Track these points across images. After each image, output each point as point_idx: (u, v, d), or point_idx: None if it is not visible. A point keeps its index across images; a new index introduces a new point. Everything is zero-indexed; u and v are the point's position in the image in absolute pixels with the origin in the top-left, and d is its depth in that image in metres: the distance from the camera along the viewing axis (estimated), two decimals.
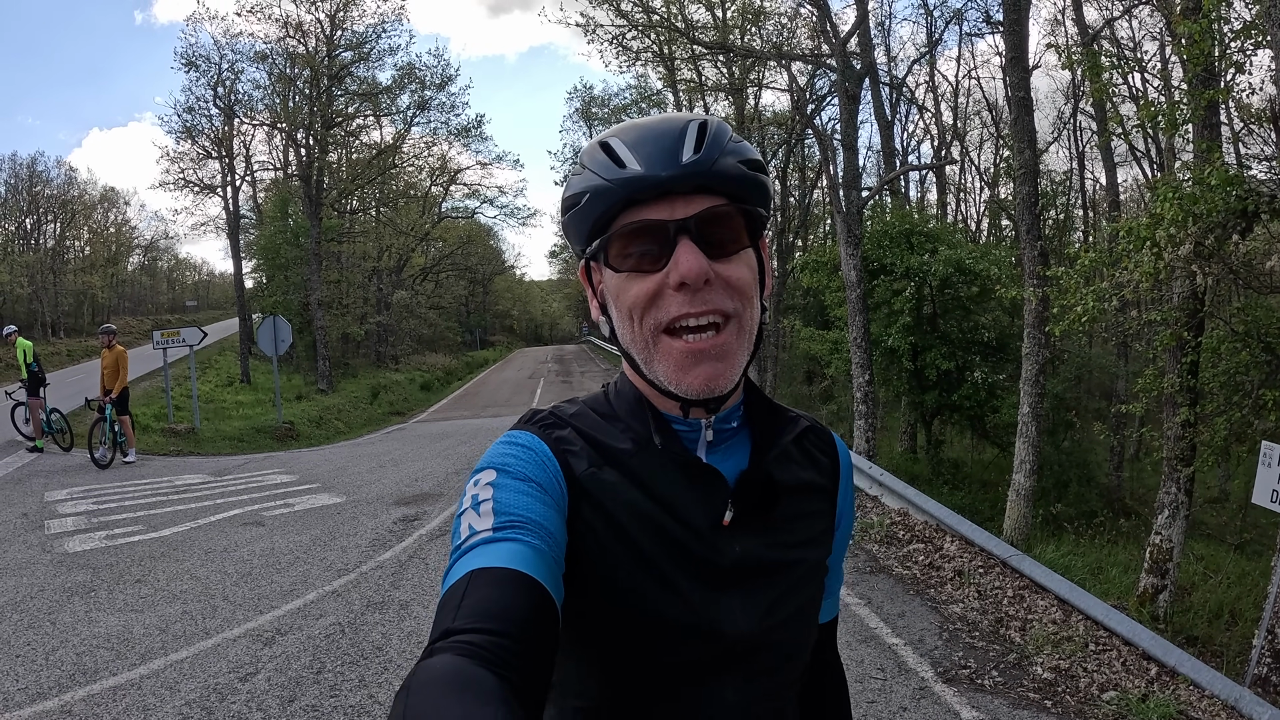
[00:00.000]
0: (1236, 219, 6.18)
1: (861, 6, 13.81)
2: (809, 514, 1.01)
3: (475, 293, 62.51)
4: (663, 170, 0.85)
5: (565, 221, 0.95)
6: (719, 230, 0.88)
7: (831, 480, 1.06)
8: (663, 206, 0.87)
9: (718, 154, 0.87)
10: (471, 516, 0.82)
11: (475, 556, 0.77)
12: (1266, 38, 6.41)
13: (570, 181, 0.93)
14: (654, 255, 0.87)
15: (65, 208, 48.30)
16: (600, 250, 0.91)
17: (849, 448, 1.14)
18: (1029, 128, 10.19)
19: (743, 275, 0.89)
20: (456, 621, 0.69)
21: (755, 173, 0.91)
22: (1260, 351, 7.77)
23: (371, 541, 7.51)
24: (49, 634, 5.16)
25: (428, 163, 38.35)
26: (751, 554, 0.94)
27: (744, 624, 0.93)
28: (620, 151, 0.88)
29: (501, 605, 0.71)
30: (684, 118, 0.90)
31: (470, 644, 0.67)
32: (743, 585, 0.93)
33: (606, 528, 0.90)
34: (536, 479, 0.88)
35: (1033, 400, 9.77)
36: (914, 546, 7.39)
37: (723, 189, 0.88)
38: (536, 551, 0.78)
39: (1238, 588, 9.10)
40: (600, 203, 0.88)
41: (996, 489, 14.49)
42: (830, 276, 16.64)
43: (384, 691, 4.33)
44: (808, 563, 1.00)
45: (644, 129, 0.90)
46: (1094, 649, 5.10)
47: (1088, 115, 23.49)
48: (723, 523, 0.93)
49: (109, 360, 11.63)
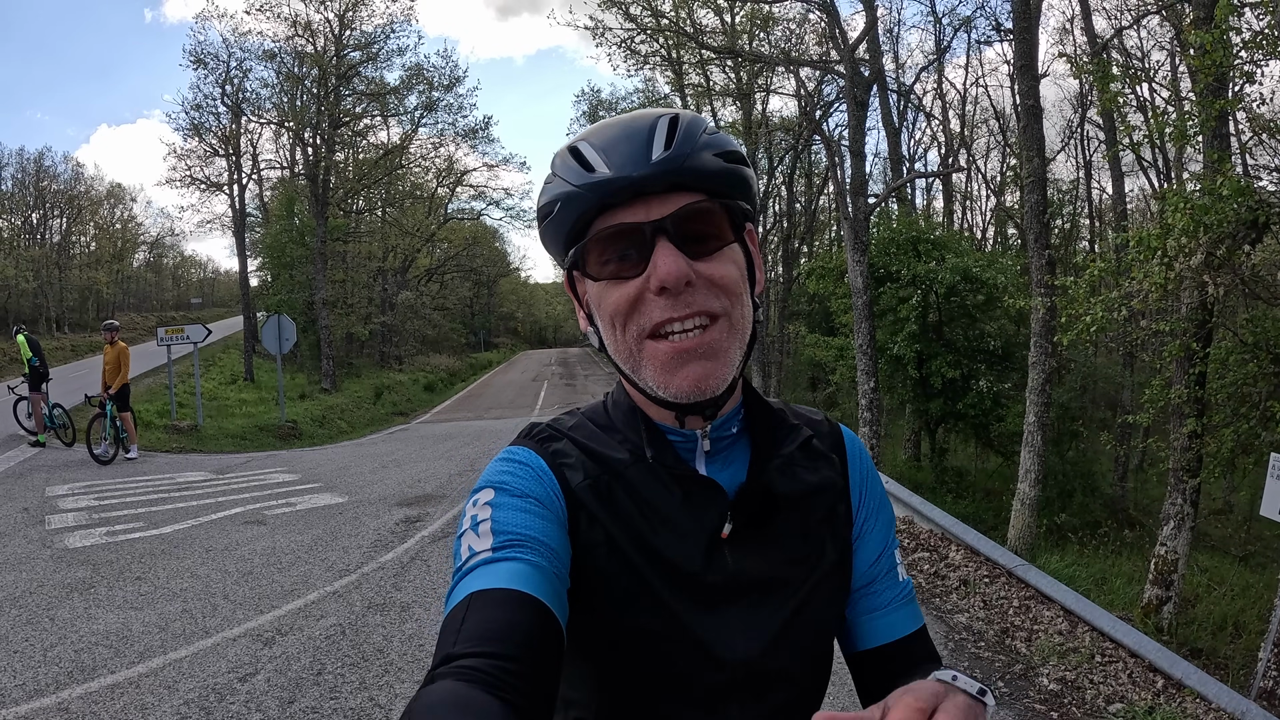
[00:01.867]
0: (1247, 229, 6.15)
1: (870, 13, 13.80)
2: (818, 519, 0.97)
3: (480, 294, 62.59)
4: (633, 170, 0.83)
5: (541, 232, 0.92)
6: (699, 228, 0.85)
7: (842, 474, 1.01)
8: (637, 208, 0.84)
9: (690, 148, 0.84)
10: (471, 538, 0.81)
11: (475, 578, 0.76)
12: (1278, 48, 6.38)
13: (542, 190, 0.91)
14: (632, 260, 0.85)
15: (72, 203, 48.50)
16: (578, 259, 0.88)
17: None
18: (1037, 136, 10.16)
19: (728, 273, 0.85)
20: (457, 646, 0.68)
21: (733, 164, 0.88)
22: (1269, 363, 7.72)
23: (373, 542, 7.49)
24: (48, 630, 5.14)
25: (434, 164, 38.40)
26: (752, 569, 0.90)
27: (743, 643, 0.89)
28: (589, 155, 0.85)
29: (503, 626, 0.70)
30: (654, 113, 0.87)
31: (471, 668, 0.66)
32: (741, 602, 0.90)
33: (601, 541, 0.88)
34: (535, 495, 0.86)
35: (1038, 409, 9.73)
36: (919, 555, 7.36)
37: (699, 185, 0.85)
38: (537, 569, 0.77)
39: (1242, 600, 9.05)
40: (572, 210, 0.86)
41: (1001, 498, 14.43)
42: (836, 283, 16.63)
43: (385, 694, 4.30)
44: (818, 575, 0.95)
45: (612, 129, 0.87)
46: (1100, 660, 5.06)
47: (1095, 124, 23.45)
48: (721, 535, 0.90)
49: (111, 356, 11.67)
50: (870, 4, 13.79)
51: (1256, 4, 7.03)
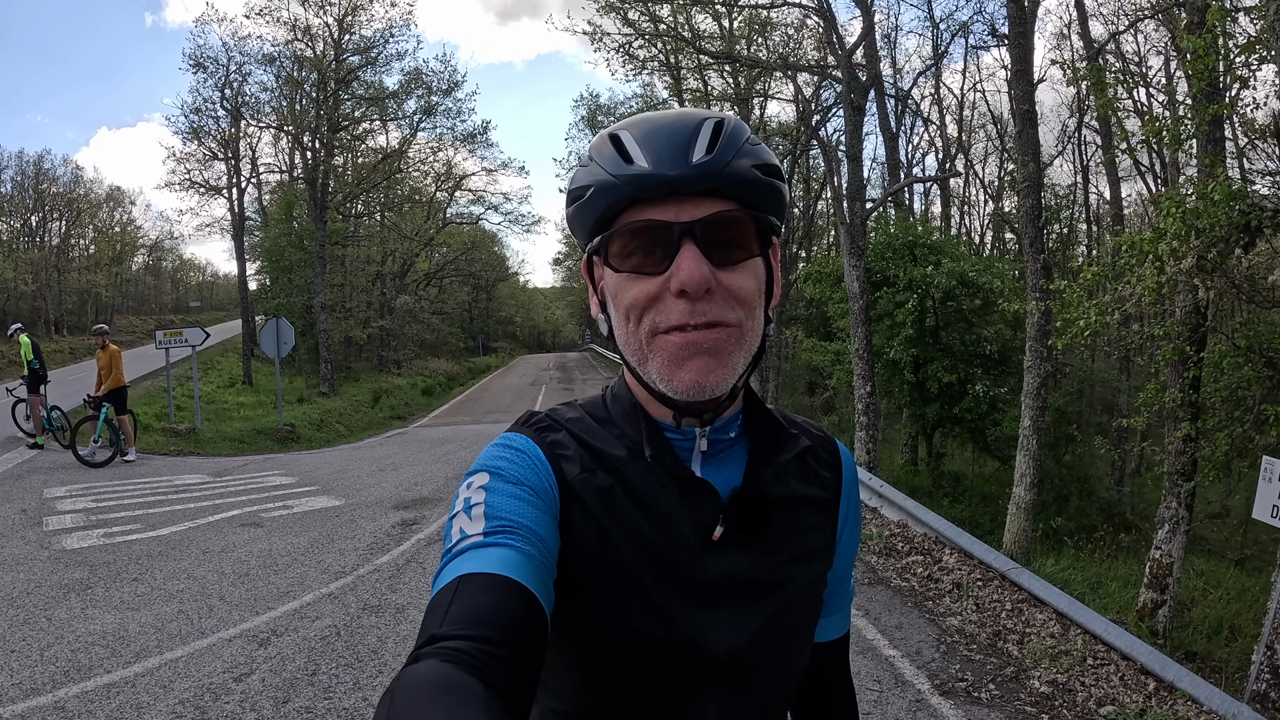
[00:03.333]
0: (1239, 233, 6.17)
1: (868, 18, 13.84)
2: (806, 529, 0.98)
3: (479, 299, 62.61)
4: (671, 169, 0.82)
5: (570, 214, 0.91)
6: (727, 236, 0.85)
7: (834, 493, 1.03)
8: (669, 207, 0.83)
9: (731, 155, 0.83)
10: (463, 520, 0.81)
11: (464, 561, 0.76)
12: (1271, 52, 6.41)
13: (576, 174, 0.90)
14: (656, 257, 0.84)
15: (71, 206, 48.42)
16: (602, 247, 0.88)
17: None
18: (1034, 141, 10.19)
19: (747, 285, 0.86)
20: (443, 627, 0.69)
21: (770, 178, 0.87)
22: (1262, 366, 7.75)
23: (369, 545, 7.50)
24: (44, 630, 5.16)
25: (433, 168, 38.43)
26: (741, 571, 0.92)
27: (730, 642, 0.91)
28: (629, 146, 0.85)
29: (489, 611, 0.70)
30: (700, 114, 0.86)
31: (456, 650, 0.66)
32: (730, 602, 0.91)
33: (594, 534, 0.89)
34: (529, 483, 0.86)
35: (1034, 414, 9.75)
36: (913, 558, 7.37)
37: (734, 193, 0.85)
38: (526, 557, 0.77)
39: (1238, 603, 9.06)
40: (604, 198, 0.85)
41: (997, 502, 14.44)
42: (833, 287, 16.63)
43: (378, 695, 4.28)
44: (802, 580, 0.97)
45: (656, 124, 0.86)
46: (1092, 663, 5.07)
47: (1092, 129, 23.51)
48: (712, 538, 0.90)
49: (104, 360, 11.65)
50: (867, 9, 13.82)
51: (1250, 9, 7.08)
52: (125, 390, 11.99)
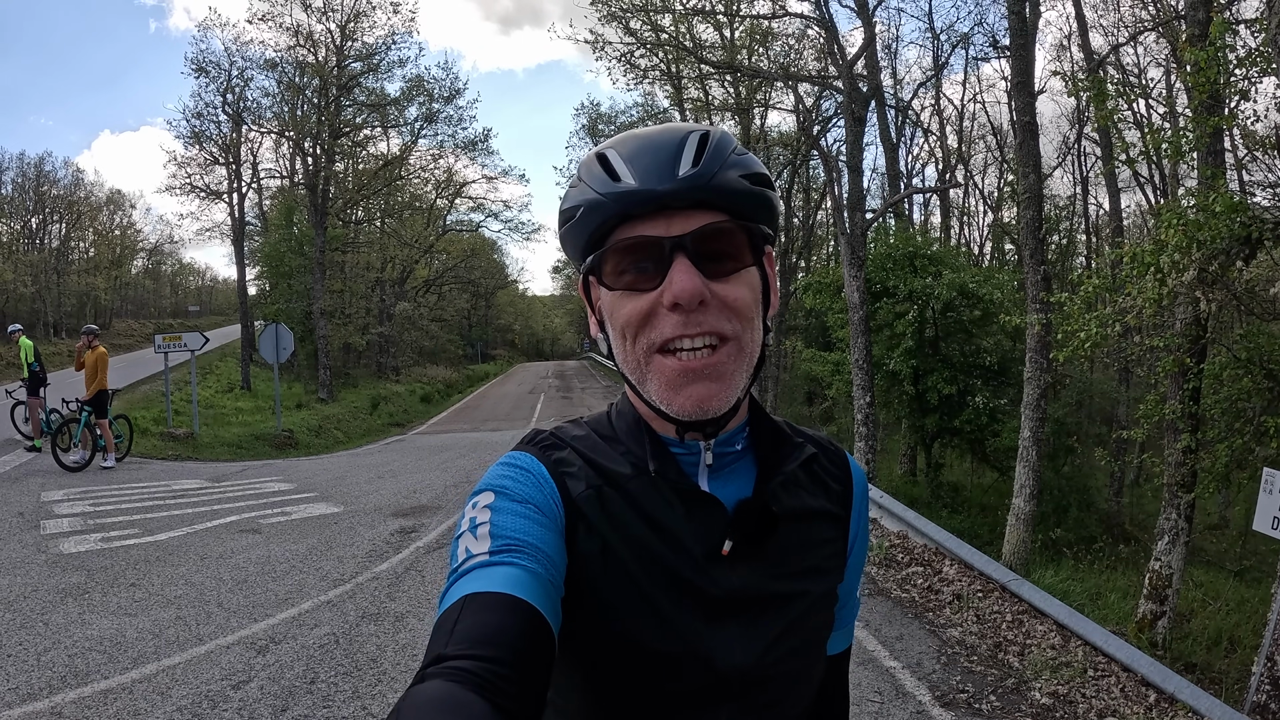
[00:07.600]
0: (1240, 245, 6.18)
1: (869, 29, 13.91)
2: (817, 542, 0.97)
3: (478, 306, 62.58)
4: (658, 184, 0.82)
5: (562, 235, 0.92)
6: (718, 247, 0.85)
7: (843, 506, 1.02)
8: (659, 222, 0.84)
9: (718, 167, 0.84)
10: (469, 540, 0.81)
11: (471, 581, 0.76)
12: (1272, 65, 6.44)
13: (567, 194, 0.90)
14: (649, 273, 0.84)
15: (71, 208, 48.51)
16: (596, 266, 0.88)
17: None
18: (1034, 152, 10.22)
19: (742, 296, 0.85)
20: (449, 647, 0.68)
21: (759, 187, 0.87)
22: (1262, 378, 7.75)
23: (368, 552, 7.48)
24: (41, 634, 5.14)
25: (434, 175, 38.51)
26: (751, 585, 0.91)
27: (741, 657, 0.89)
28: (616, 164, 0.85)
29: (495, 630, 0.70)
30: (684, 128, 0.87)
31: (462, 670, 0.66)
32: (741, 616, 0.90)
33: (600, 552, 0.88)
34: (534, 501, 0.86)
35: (1034, 425, 9.75)
36: (913, 570, 7.36)
37: (723, 204, 0.85)
38: (533, 575, 0.77)
39: (1237, 614, 9.04)
40: (594, 217, 0.86)
41: (996, 513, 14.43)
42: (833, 298, 16.63)
43: (377, 704, 4.29)
44: (814, 593, 0.96)
45: (642, 140, 0.86)
46: (1093, 675, 5.06)
47: (1092, 141, 23.57)
48: (721, 552, 0.89)
49: (90, 361, 11.40)
50: (868, 20, 13.90)
51: (1251, 22, 7.11)
52: (107, 394, 11.70)
